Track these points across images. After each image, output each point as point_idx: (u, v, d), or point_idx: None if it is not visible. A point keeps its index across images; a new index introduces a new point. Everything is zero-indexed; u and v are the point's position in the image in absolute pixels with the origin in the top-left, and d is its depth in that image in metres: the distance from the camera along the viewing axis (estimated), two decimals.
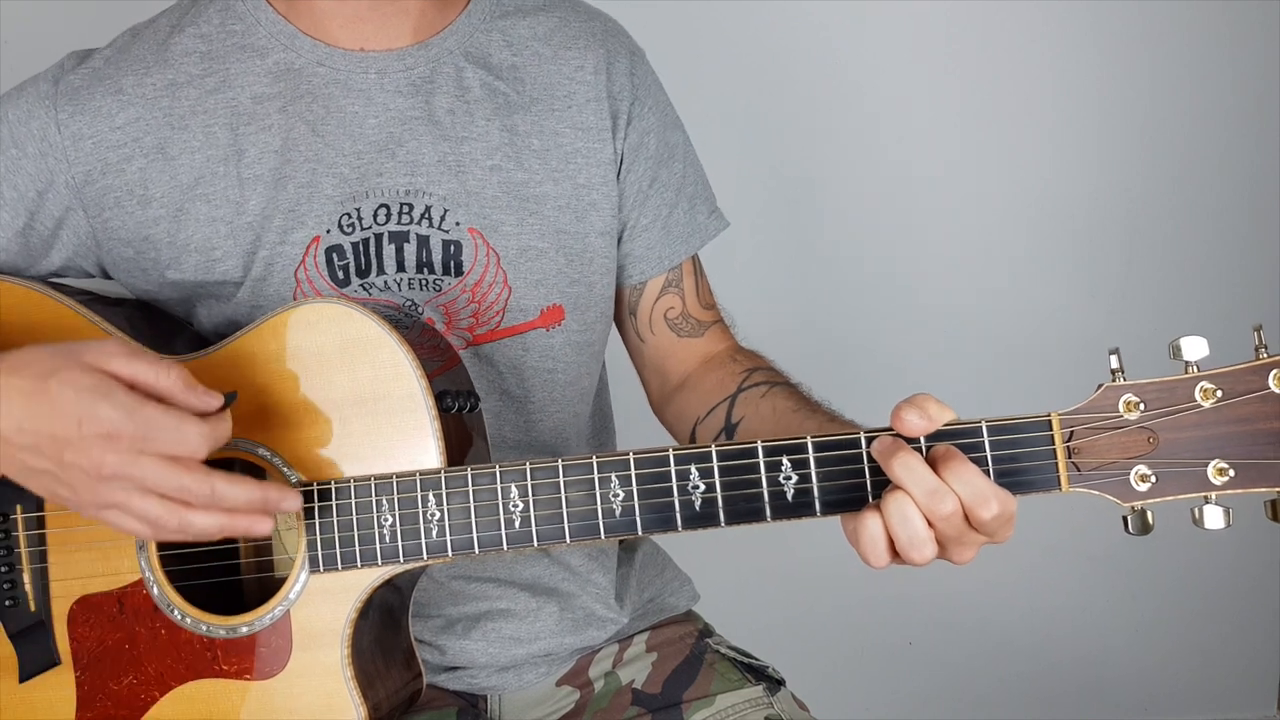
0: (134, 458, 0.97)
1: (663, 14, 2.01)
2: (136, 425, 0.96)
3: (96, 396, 0.97)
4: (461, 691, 1.32)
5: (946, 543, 0.96)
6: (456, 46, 1.27)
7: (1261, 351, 0.93)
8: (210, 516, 1.00)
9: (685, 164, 1.38)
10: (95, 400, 0.96)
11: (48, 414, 0.97)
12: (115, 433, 0.96)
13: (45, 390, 0.97)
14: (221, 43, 1.24)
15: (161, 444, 0.97)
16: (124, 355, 0.99)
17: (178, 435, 0.97)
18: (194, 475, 0.98)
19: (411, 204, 1.22)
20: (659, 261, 1.35)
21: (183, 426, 0.97)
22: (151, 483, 0.97)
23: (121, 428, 0.96)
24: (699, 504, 1.01)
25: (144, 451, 0.97)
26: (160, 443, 0.97)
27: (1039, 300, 2.22)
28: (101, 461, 0.97)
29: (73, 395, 0.97)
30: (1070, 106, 2.17)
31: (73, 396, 0.97)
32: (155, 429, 0.97)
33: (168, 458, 0.97)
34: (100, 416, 0.96)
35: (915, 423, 0.95)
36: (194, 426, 0.98)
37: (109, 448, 0.96)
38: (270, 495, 1.01)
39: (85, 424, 0.96)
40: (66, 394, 0.97)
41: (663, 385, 1.39)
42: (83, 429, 0.96)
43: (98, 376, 0.98)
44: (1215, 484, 0.93)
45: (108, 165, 1.22)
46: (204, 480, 0.98)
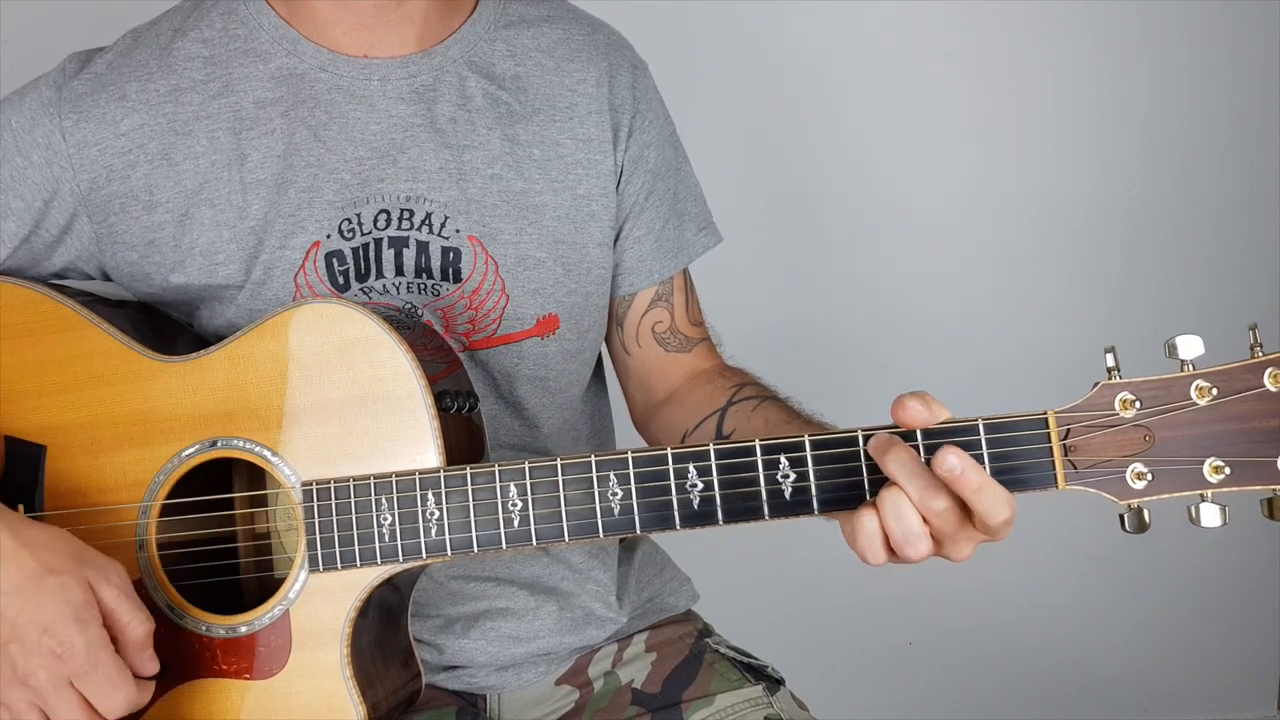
0: (60, 685, 1.00)
1: (662, 21, 2.01)
2: (87, 662, 1.00)
3: (73, 618, 1.00)
4: (461, 691, 1.32)
5: (942, 539, 0.96)
6: (460, 55, 1.27)
7: (1257, 350, 0.93)
8: None
9: (680, 179, 1.38)
10: (71, 622, 1.00)
11: (27, 604, 1.00)
12: (65, 657, 0.99)
13: (41, 585, 1.01)
14: (224, 47, 1.25)
15: (94, 688, 1.00)
16: (115, 589, 1.03)
17: (110, 691, 1.01)
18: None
19: (412, 210, 1.23)
20: (649, 274, 1.35)
21: (119, 687, 1.01)
22: (57, 712, 1.01)
23: (74, 657, 1.00)
24: (697, 503, 1.01)
25: (73, 685, 1.00)
26: (93, 686, 1.00)
27: (1039, 300, 2.22)
28: (34, 672, 1.00)
29: (57, 604, 1.00)
30: (1070, 106, 2.17)
31: (56, 605, 1.00)
32: (98, 679, 1.00)
33: (86, 702, 1.01)
34: (64, 637, 0.99)
35: (917, 410, 0.95)
36: (126, 689, 1.01)
37: (49, 666, 1.00)
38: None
39: (48, 635, 0.99)
40: (54, 599, 1.00)
41: (647, 399, 1.39)
42: (43, 637, 0.99)
43: (88, 599, 1.01)
44: (1211, 482, 0.93)
45: (113, 172, 1.22)
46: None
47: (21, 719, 1.01)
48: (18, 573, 1.01)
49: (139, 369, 1.14)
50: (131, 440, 1.13)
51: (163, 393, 1.13)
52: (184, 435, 1.12)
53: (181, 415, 1.12)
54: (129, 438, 1.13)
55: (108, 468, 1.13)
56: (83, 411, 1.14)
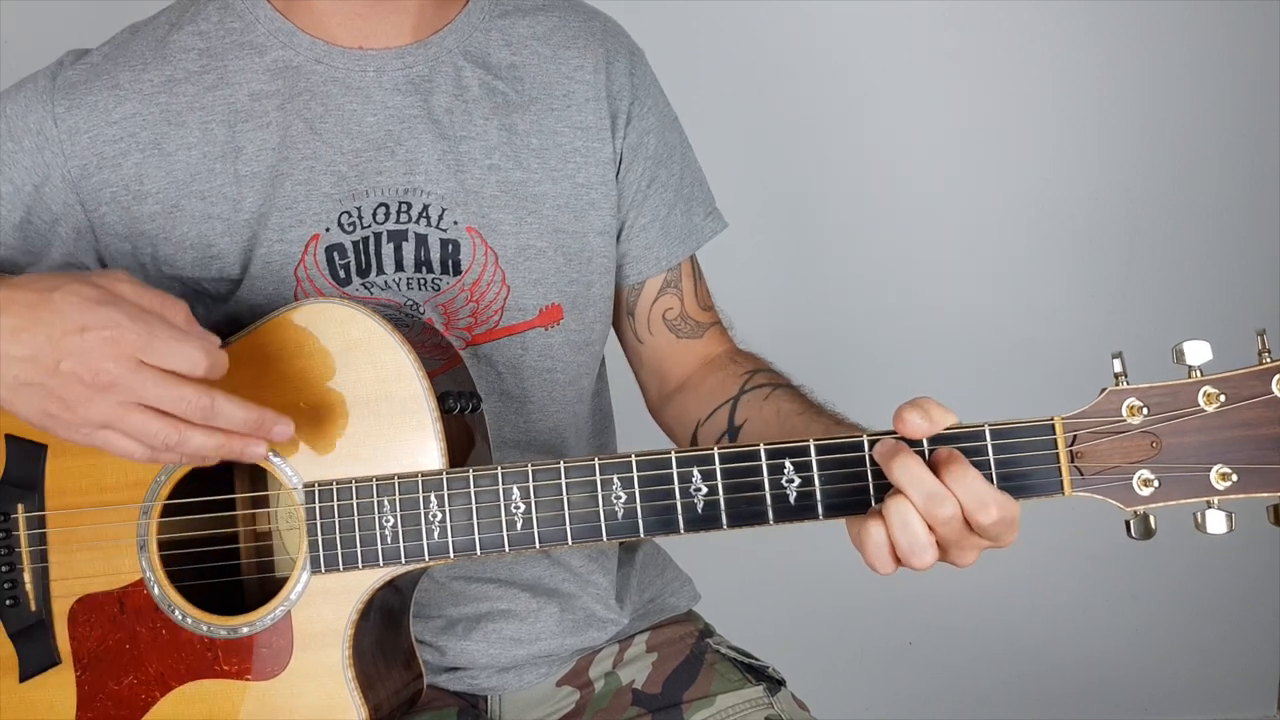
0: (134, 367, 0.96)
1: (662, 15, 2.01)
2: (140, 332, 0.96)
3: (101, 303, 0.97)
4: (462, 692, 1.32)
5: (947, 546, 0.96)
6: (456, 45, 1.27)
7: (1265, 356, 0.93)
8: (208, 436, 0.99)
9: (683, 165, 1.38)
10: (100, 306, 0.97)
11: (49, 320, 0.97)
12: (119, 336, 0.96)
13: (49, 300, 0.98)
14: (220, 40, 1.24)
15: (163, 355, 0.96)
16: (131, 281, 1.00)
17: (180, 348, 0.97)
18: (195, 387, 0.97)
19: (410, 203, 1.22)
20: (656, 262, 1.35)
21: (186, 341, 0.97)
22: (151, 395, 0.97)
23: (126, 331, 0.96)
24: (701, 506, 1.00)
25: (144, 362, 0.96)
26: (161, 354, 0.96)
27: (1039, 301, 2.22)
28: (100, 368, 0.96)
29: (77, 302, 0.97)
30: (1070, 106, 2.17)
31: (77, 303, 0.97)
32: (159, 339, 0.96)
33: (167, 371, 0.97)
34: (106, 318, 0.96)
35: (917, 423, 0.95)
36: (197, 343, 0.97)
37: (110, 352, 0.96)
38: (266, 418, 1.01)
39: (89, 327, 0.96)
40: (71, 301, 0.97)
41: (661, 387, 1.39)
42: (85, 334, 0.96)
43: (105, 291, 0.98)
44: (1218, 489, 0.93)
45: (104, 159, 1.21)
46: (205, 393, 0.98)
47: (125, 423, 0.98)
48: (21, 307, 0.98)
49: None
50: None
51: None
52: None
53: None
54: None
55: (109, 467, 1.13)
56: None
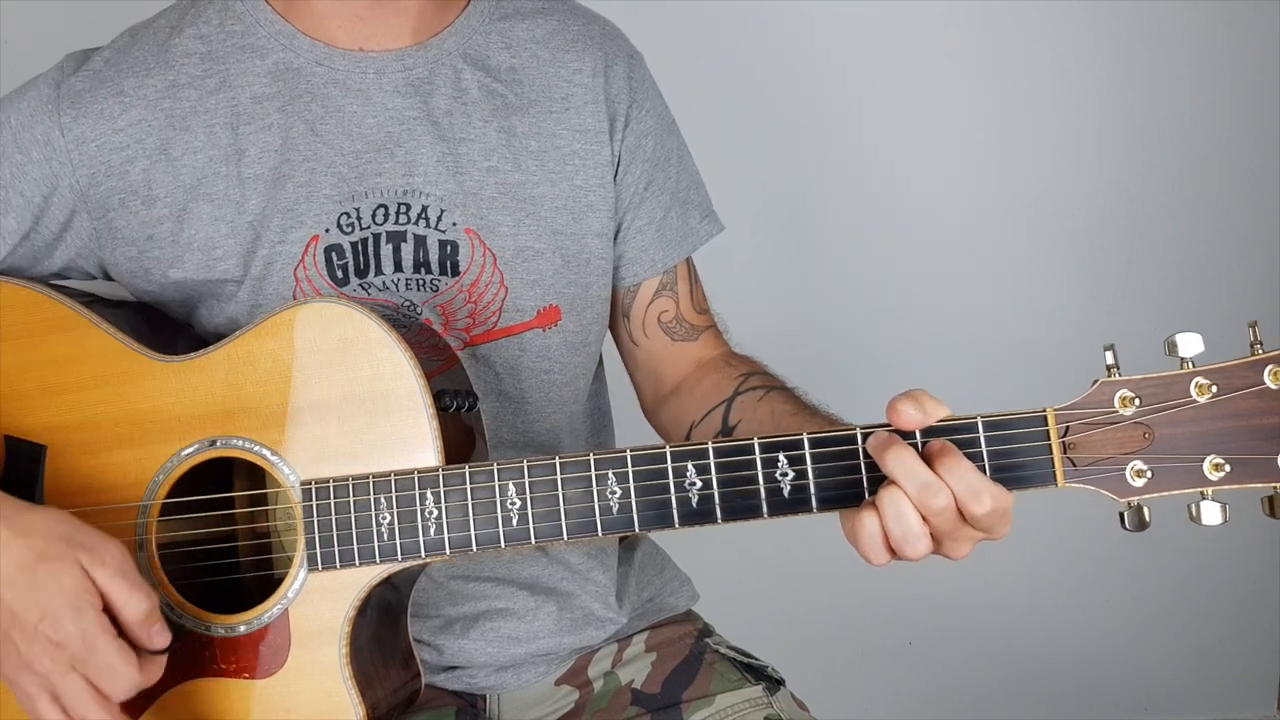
0: (64, 670, 1.00)
1: (661, 17, 2.01)
2: (84, 649, 1.00)
3: (68, 606, 1.00)
4: (460, 691, 1.32)
5: (941, 537, 0.96)
6: (455, 48, 1.27)
7: (1257, 347, 0.93)
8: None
9: (680, 168, 1.38)
10: (65, 610, 1.00)
11: (22, 594, 1.01)
12: (63, 645, 1.00)
13: (34, 572, 1.01)
14: (221, 43, 1.25)
15: (95, 673, 1.01)
16: (112, 571, 1.02)
17: (111, 676, 1.01)
18: (105, 713, 1.02)
19: (409, 204, 1.23)
20: (653, 264, 1.35)
21: (120, 671, 1.01)
22: (68, 698, 1.01)
23: (71, 644, 1.00)
24: (696, 501, 1.01)
25: (75, 670, 1.00)
26: (94, 671, 1.01)
27: (1039, 300, 2.21)
28: (36, 658, 1.00)
29: (51, 591, 1.00)
30: (1070, 106, 2.17)
31: (51, 592, 1.00)
32: (98, 659, 1.00)
33: (92, 685, 1.01)
34: (60, 625, 1.00)
35: (910, 414, 0.96)
36: (129, 673, 1.01)
37: (50, 654, 1.00)
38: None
39: (44, 622, 1.00)
40: (48, 587, 1.00)
41: (656, 389, 1.40)
42: (40, 625, 1.00)
43: (82, 585, 1.01)
44: (1211, 479, 0.93)
45: (111, 167, 1.22)
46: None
47: (35, 701, 1.02)
48: (10, 562, 1.01)
49: (139, 369, 1.14)
50: (131, 440, 1.13)
51: (162, 392, 1.13)
52: (183, 435, 1.12)
53: (181, 415, 1.12)
54: (129, 437, 1.13)
55: (108, 467, 1.13)
56: (83, 411, 1.14)
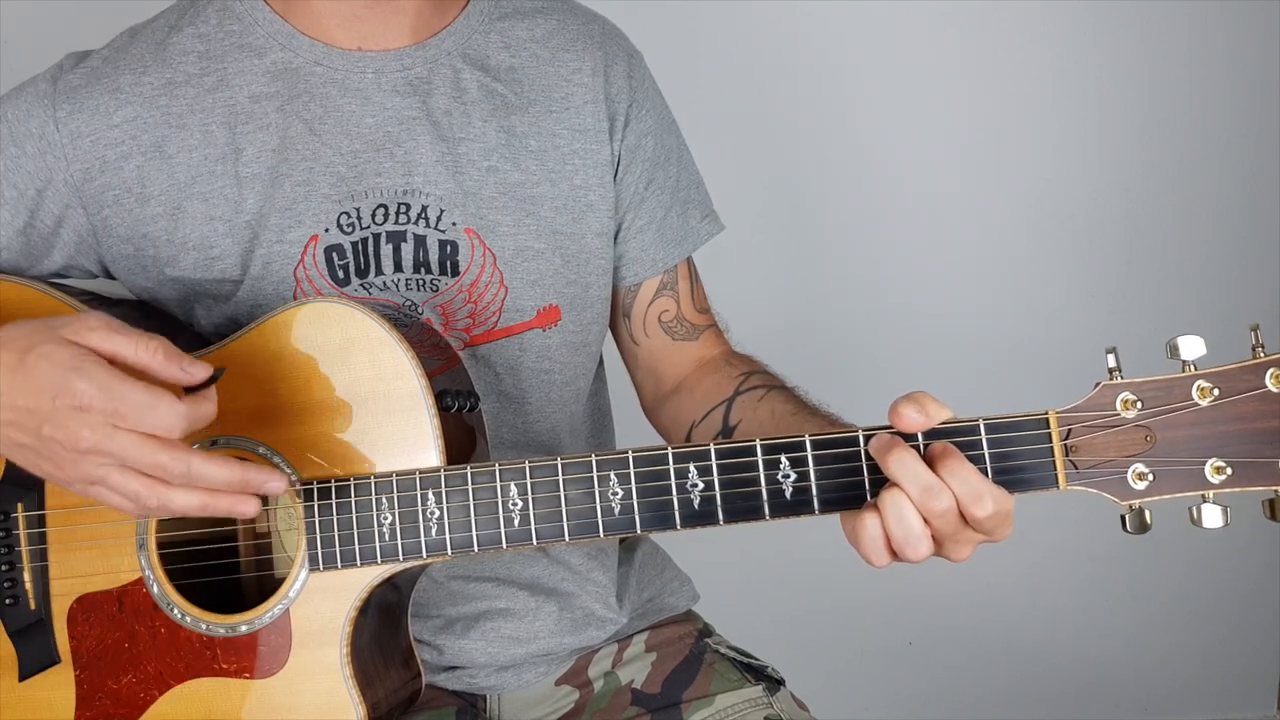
0: (109, 433, 0.96)
1: (660, 17, 2.01)
2: (108, 400, 0.96)
3: (70, 370, 0.96)
4: (461, 691, 1.32)
5: (942, 540, 0.97)
6: (454, 48, 1.27)
7: (1259, 350, 0.93)
8: (190, 495, 0.99)
9: (680, 167, 1.38)
10: (69, 374, 0.96)
11: (25, 388, 0.98)
12: (87, 406, 0.96)
13: (24, 364, 0.98)
14: (219, 42, 1.25)
15: (134, 420, 0.96)
16: (103, 330, 0.99)
17: (151, 412, 0.96)
18: (170, 453, 0.97)
19: (408, 204, 1.23)
20: (653, 264, 1.35)
21: (157, 404, 0.96)
22: (129, 459, 0.97)
23: (92, 401, 0.95)
24: (698, 502, 1.01)
25: (118, 427, 0.96)
26: (133, 419, 0.96)
27: (1039, 300, 2.21)
28: (78, 435, 0.96)
29: (47, 368, 0.97)
30: (1070, 106, 2.17)
31: (47, 369, 0.97)
32: (128, 405, 0.96)
33: (143, 434, 0.96)
34: (72, 389, 0.96)
35: (912, 417, 0.96)
36: (169, 404, 0.96)
37: (83, 421, 0.96)
38: (251, 477, 1.00)
39: (59, 397, 0.96)
40: (42, 367, 0.97)
41: (656, 389, 1.40)
42: (56, 402, 0.96)
43: (75, 350, 0.97)
44: (1213, 483, 0.93)
45: (105, 163, 1.22)
46: (180, 458, 0.97)
47: (110, 482, 0.98)
48: (4, 371, 0.99)
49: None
50: None
51: None
52: None
53: None
54: None
55: None
56: None
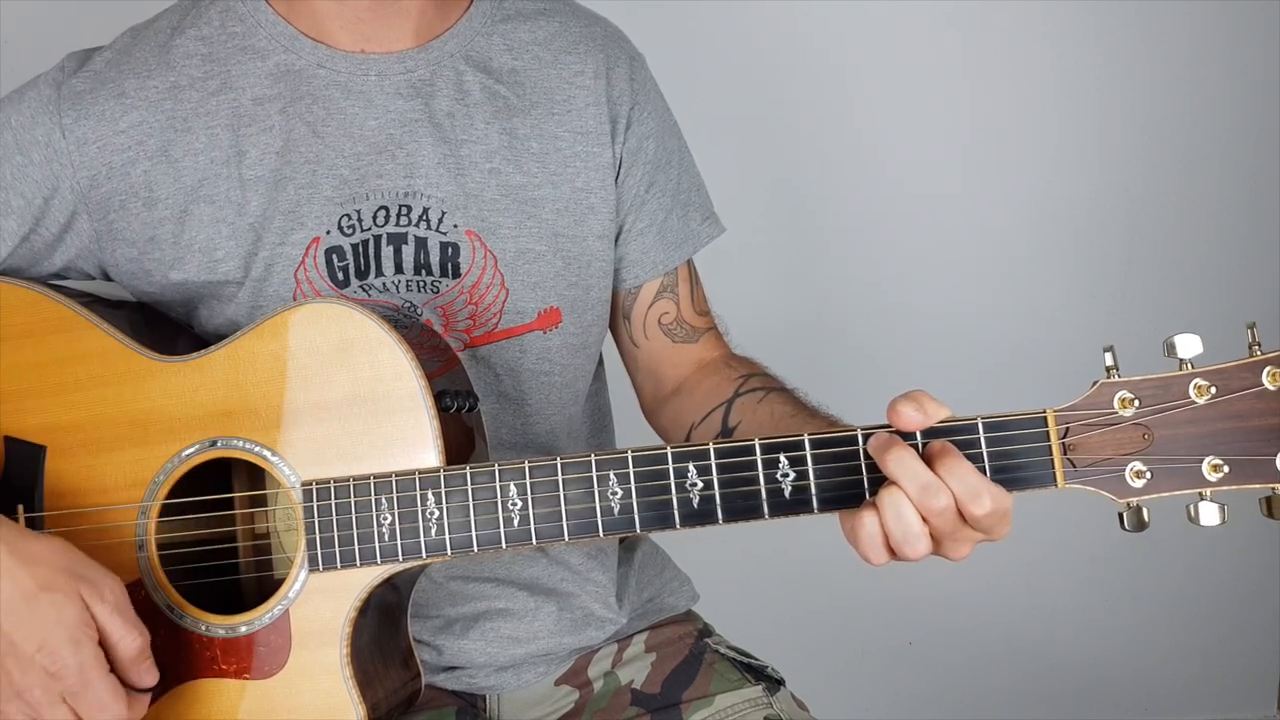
0: (55, 702, 1.01)
1: (662, 18, 2.01)
2: (79, 682, 1.01)
3: (68, 639, 1.01)
4: (460, 691, 1.32)
5: (941, 538, 0.97)
6: (457, 50, 1.27)
7: (1255, 348, 0.93)
8: None
9: (681, 169, 1.38)
10: (65, 641, 1.01)
11: (22, 621, 1.01)
12: (59, 675, 1.01)
13: (36, 601, 1.01)
14: (222, 44, 1.25)
15: (85, 707, 1.02)
16: (111, 606, 1.03)
17: (101, 710, 1.02)
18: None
19: (410, 206, 1.23)
20: (654, 266, 1.35)
21: (110, 706, 1.02)
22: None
23: (66, 676, 1.01)
24: (697, 502, 1.01)
25: (65, 702, 1.01)
26: (85, 705, 1.02)
27: (1039, 301, 2.21)
28: (29, 688, 1.01)
29: (51, 623, 1.01)
30: (1070, 106, 2.17)
31: (51, 624, 1.01)
32: (91, 693, 1.02)
33: (76, 716, 1.02)
34: (58, 656, 1.00)
35: (910, 416, 0.96)
36: (117, 709, 1.02)
37: (44, 683, 1.01)
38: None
39: (42, 653, 1.00)
40: (49, 617, 1.01)
41: (656, 391, 1.40)
42: (38, 655, 1.00)
43: (83, 617, 1.02)
44: (1210, 480, 0.93)
45: (112, 169, 1.22)
46: None
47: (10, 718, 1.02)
48: (13, 589, 1.01)
49: (139, 369, 1.14)
50: (131, 440, 1.13)
51: (162, 393, 1.13)
52: (184, 435, 1.12)
53: (181, 415, 1.12)
54: (129, 438, 1.13)
55: (108, 468, 1.13)
56: (82, 412, 1.14)
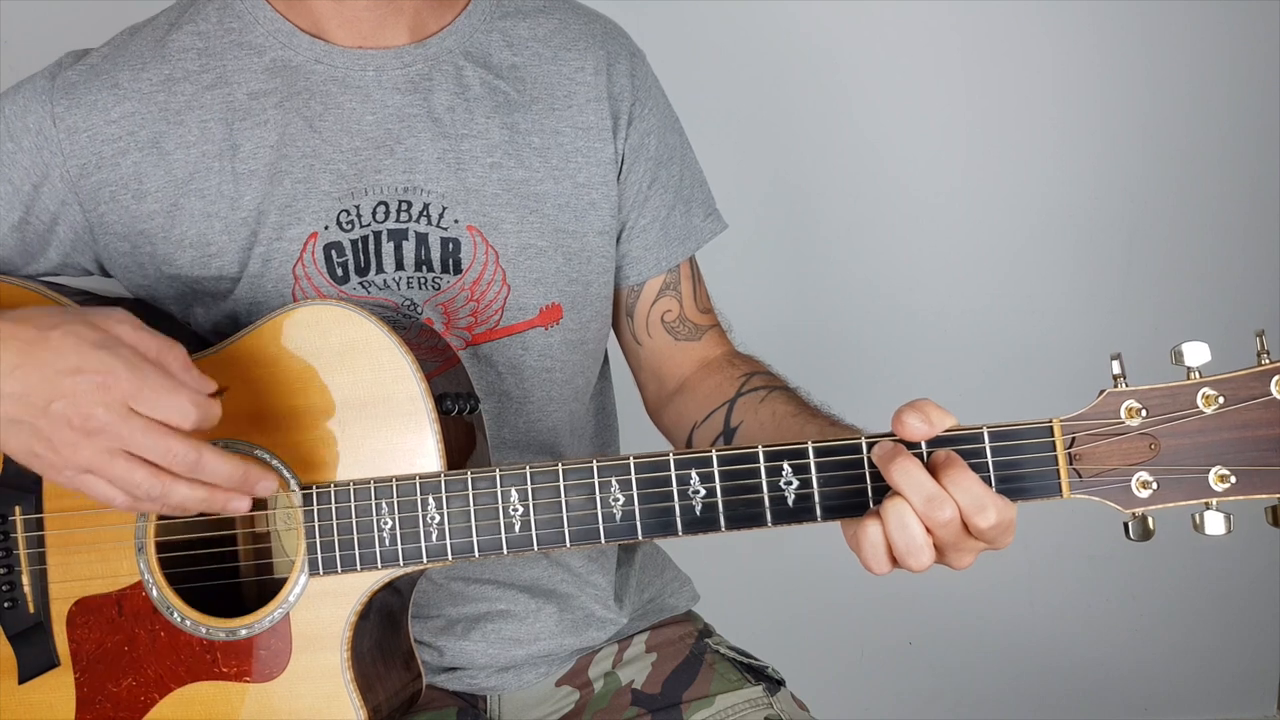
0: (124, 415, 0.96)
1: (661, 17, 2.01)
2: (133, 380, 0.96)
3: (99, 347, 0.97)
4: (461, 692, 1.32)
5: (944, 549, 0.96)
6: (456, 46, 1.27)
7: (1263, 357, 0.93)
8: (192, 489, 0.99)
9: (683, 166, 1.38)
10: (97, 349, 0.97)
11: (45, 359, 0.97)
12: (112, 383, 0.96)
13: (47, 339, 0.98)
14: (219, 40, 1.24)
15: (153, 405, 0.96)
16: (130, 324, 1.00)
17: (172, 400, 0.97)
18: (183, 440, 0.98)
19: (410, 201, 1.22)
20: (656, 263, 1.35)
21: (179, 392, 0.97)
22: (138, 444, 0.97)
23: (119, 378, 0.96)
24: (699, 509, 1.01)
25: (135, 411, 0.96)
26: (152, 404, 0.96)
27: (1039, 303, 2.21)
28: (90, 413, 0.96)
29: (75, 343, 0.97)
30: (1070, 107, 2.17)
31: (74, 344, 0.97)
32: (151, 388, 0.96)
33: (156, 421, 0.97)
34: (101, 363, 0.96)
35: (916, 426, 0.95)
36: (189, 395, 0.98)
37: (102, 398, 0.96)
38: (251, 474, 1.02)
39: (83, 370, 0.96)
40: (69, 342, 0.97)
41: (659, 389, 1.39)
42: (79, 376, 0.96)
43: (103, 333, 0.98)
44: (1216, 490, 0.93)
45: (102, 159, 1.22)
46: (192, 448, 0.98)
47: (109, 471, 0.98)
48: (19, 343, 0.98)
49: None
50: None
51: None
52: None
53: None
54: None
55: None
56: None
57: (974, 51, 2.14)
